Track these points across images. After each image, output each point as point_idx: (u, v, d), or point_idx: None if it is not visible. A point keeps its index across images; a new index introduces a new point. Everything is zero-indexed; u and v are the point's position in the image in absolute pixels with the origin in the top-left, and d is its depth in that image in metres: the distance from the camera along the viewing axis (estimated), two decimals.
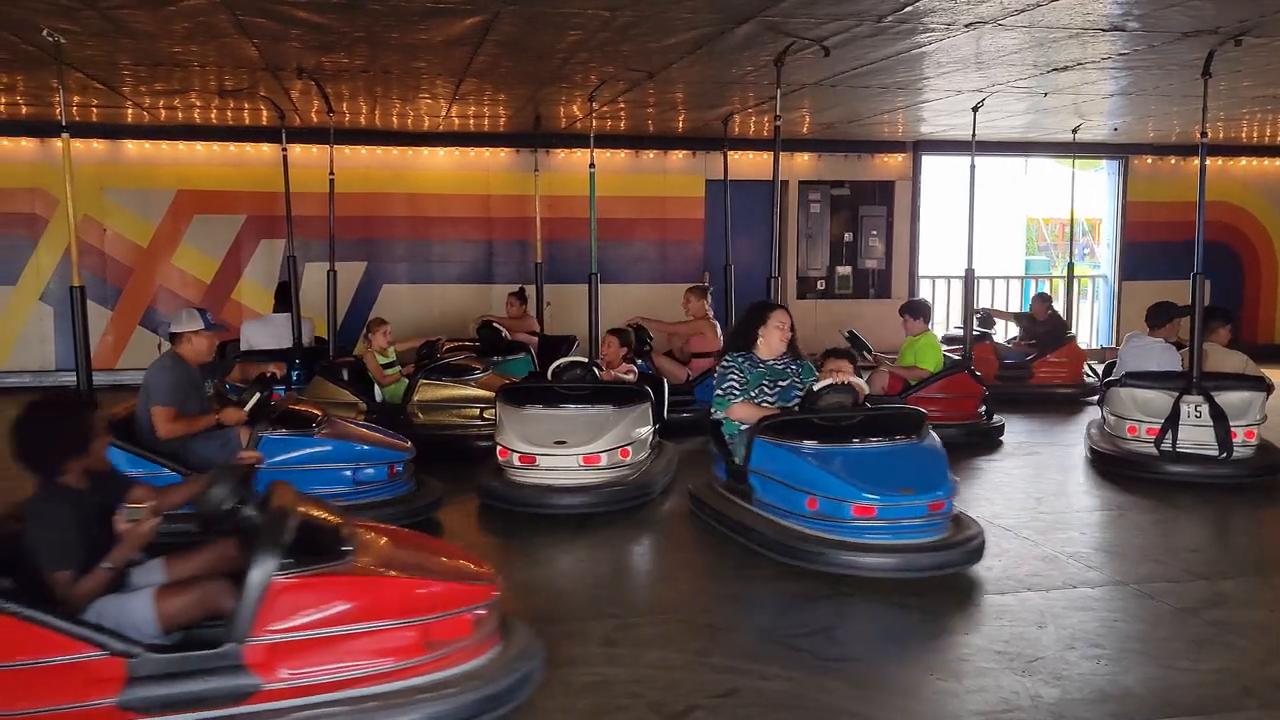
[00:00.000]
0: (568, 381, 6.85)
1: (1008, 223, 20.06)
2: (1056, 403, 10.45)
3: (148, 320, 11.64)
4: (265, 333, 9.39)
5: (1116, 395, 7.38)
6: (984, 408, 8.63)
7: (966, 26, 6.43)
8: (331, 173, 8.99)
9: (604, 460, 6.18)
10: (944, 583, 4.98)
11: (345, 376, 8.13)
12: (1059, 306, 11.78)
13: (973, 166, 9.07)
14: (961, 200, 9.43)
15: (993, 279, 14.50)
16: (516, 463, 6.22)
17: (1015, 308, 14.54)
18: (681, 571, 5.34)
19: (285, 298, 9.45)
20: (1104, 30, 6.55)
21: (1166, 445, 6.96)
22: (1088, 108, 9.91)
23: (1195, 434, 6.92)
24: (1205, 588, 4.95)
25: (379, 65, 7.85)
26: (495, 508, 6.28)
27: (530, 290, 10.81)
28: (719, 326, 9.45)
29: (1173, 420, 6.94)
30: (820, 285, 13.32)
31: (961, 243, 9.31)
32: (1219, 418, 6.84)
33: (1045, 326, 11.14)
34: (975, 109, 9.16)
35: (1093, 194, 14.91)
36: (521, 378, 8.88)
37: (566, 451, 6.14)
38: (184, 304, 11.63)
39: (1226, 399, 6.92)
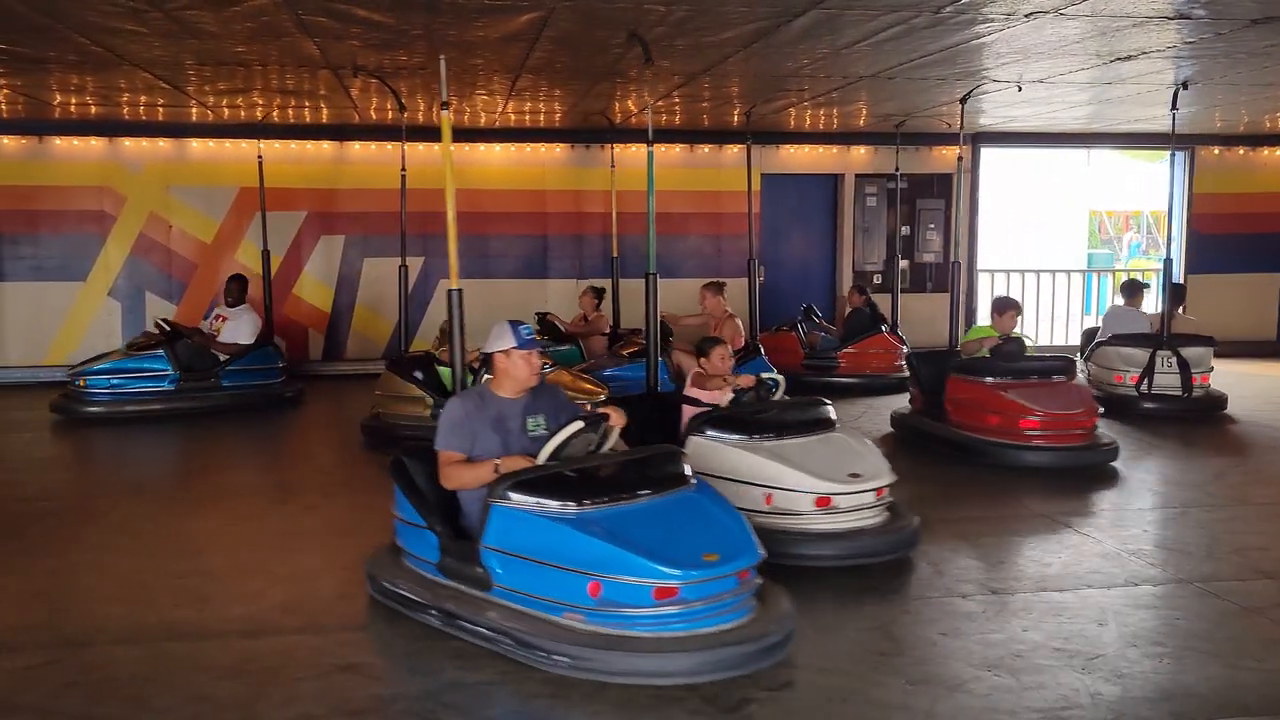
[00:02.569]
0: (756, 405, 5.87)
1: (1070, 216, 19.74)
2: (852, 393, 10.44)
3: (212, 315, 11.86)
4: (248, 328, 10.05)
5: (1104, 352, 9.55)
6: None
7: (1027, 16, 6.33)
8: (404, 170, 9.08)
9: (888, 492, 5.31)
10: (1003, 578, 4.93)
11: (416, 373, 8.21)
12: (1150, 301, 11.62)
13: (959, 160, 8.94)
14: (1022, 193, 9.40)
15: (1054, 273, 14.26)
16: (808, 507, 5.06)
17: (1076, 303, 14.32)
18: None
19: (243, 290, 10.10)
20: (1169, 18, 6.42)
21: (1144, 388, 9.08)
22: (1151, 98, 9.71)
23: (1165, 379, 9.05)
24: (1271, 586, 4.85)
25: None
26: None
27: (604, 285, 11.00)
28: (739, 323, 9.39)
29: (1149, 369, 9.06)
30: (877, 279, 13.21)
31: (1021, 236, 9.26)
32: (1184, 366, 9.00)
33: (853, 316, 11.22)
34: (962, 101, 9.18)
35: (1158, 186, 14.62)
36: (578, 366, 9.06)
37: (862, 486, 5.13)
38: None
39: (1188, 353, 9.07)
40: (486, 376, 5.00)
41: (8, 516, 6.19)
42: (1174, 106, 8.92)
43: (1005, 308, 8.17)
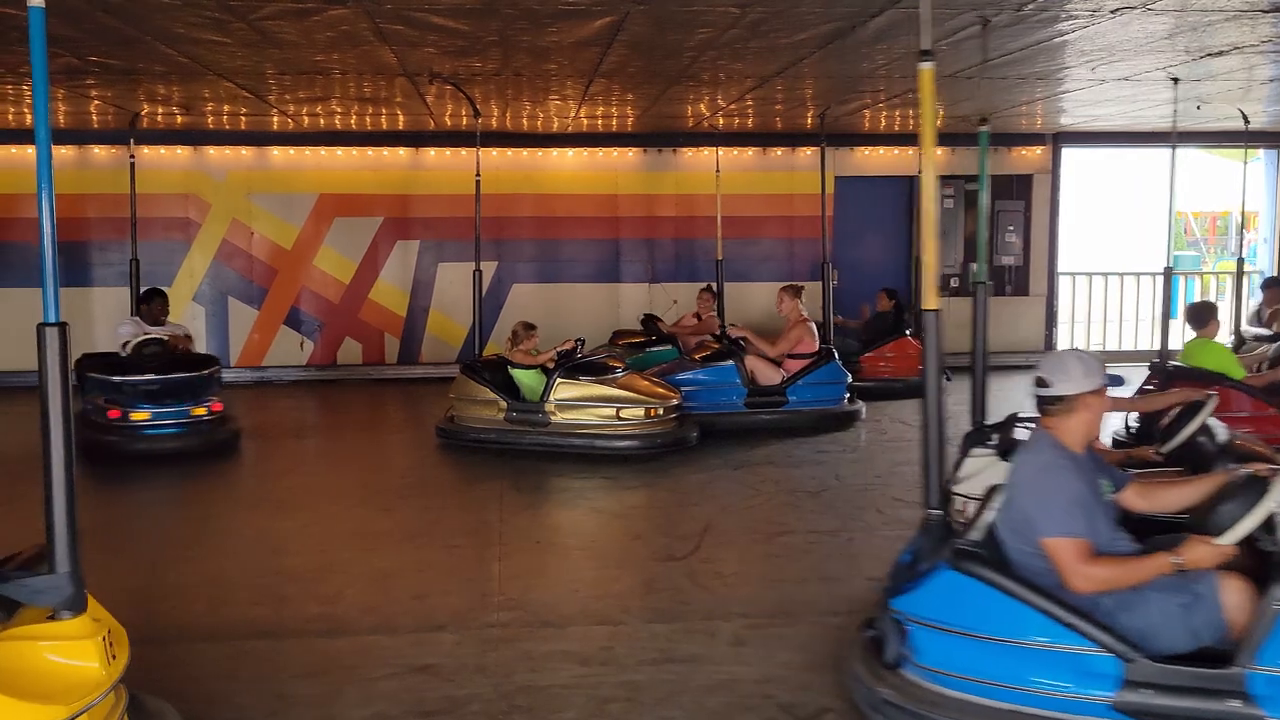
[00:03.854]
0: None
1: (1153, 217, 19.19)
2: (869, 397, 10.03)
3: (291, 320, 12.11)
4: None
5: None
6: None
7: (1113, 13, 6.16)
8: (478, 175, 9.17)
9: None
10: None
11: (489, 376, 8.27)
12: (1226, 303, 11.26)
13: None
14: (1105, 194, 9.12)
15: (1138, 275, 13.88)
16: None
17: (1160, 305, 13.90)
18: (809, 574, 5.26)
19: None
20: (1264, 11, 6.19)
21: None
22: (1244, 94, 9.40)
23: None
24: None
25: (511, 68, 7.98)
26: None
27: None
28: (814, 327, 9.31)
29: None
30: (954, 283, 12.99)
31: (1103, 238, 9.01)
32: None
33: (877, 320, 11.04)
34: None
35: (1249, 185, 14.15)
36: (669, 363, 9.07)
37: None
38: (326, 304, 12.10)
39: None
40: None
41: (101, 516, 6.36)
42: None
43: (1210, 315, 7.48)
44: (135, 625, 4.44)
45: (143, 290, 9.15)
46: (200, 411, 8.07)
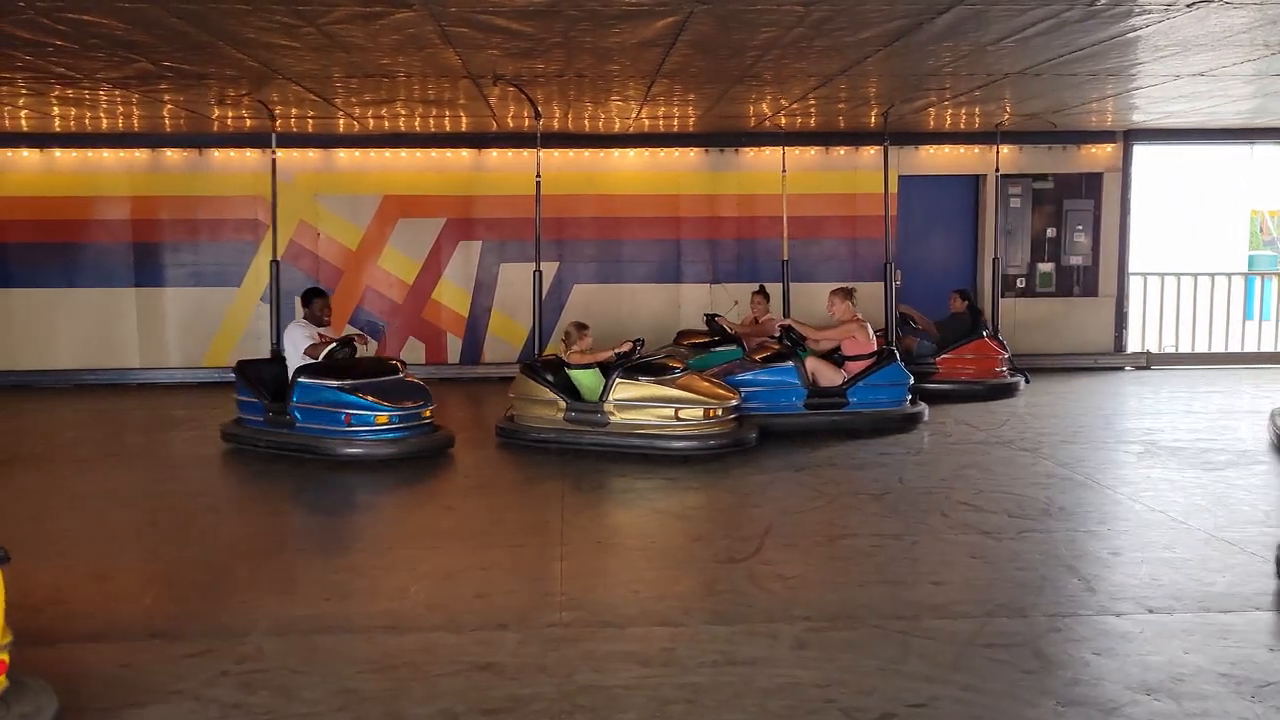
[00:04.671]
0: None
1: (1230, 215, 18.69)
2: (949, 399, 10.10)
3: (355, 320, 12.28)
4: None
5: None
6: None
7: (1188, 6, 6.01)
8: (539, 175, 9.24)
9: None
10: (1161, 597, 4.68)
11: (548, 376, 8.32)
12: None
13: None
14: (1179, 192, 8.87)
15: (1212, 276, 13.53)
16: None
17: (1237, 306, 13.57)
18: (872, 577, 5.20)
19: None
20: None
21: None
22: None
23: None
24: None
25: (573, 70, 8.01)
26: None
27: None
28: (869, 327, 9.20)
29: None
30: (1020, 283, 12.77)
31: (1179, 237, 8.77)
32: None
33: (952, 321, 10.80)
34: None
35: None
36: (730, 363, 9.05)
37: None
38: (390, 304, 12.28)
39: None
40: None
41: (174, 512, 6.50)
42: None
43: None
44: (205, 619, 4.55)
45: (304, 291, 8.82)
46: (427, 413, 8.02)
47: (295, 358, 8.17)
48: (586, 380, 8.20)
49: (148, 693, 3.80)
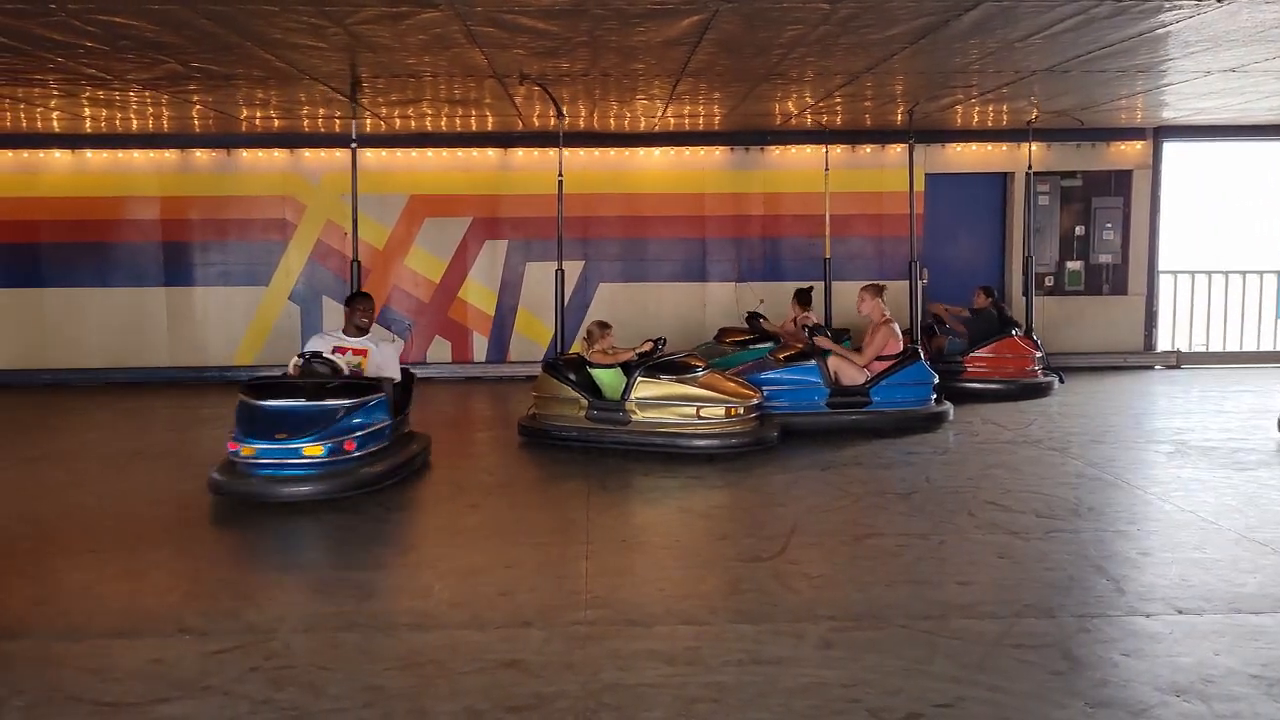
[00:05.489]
0: None
1: (1265, 213, 18.46)
2: (981, 399, 10.04)
3: (383, 319, 12.33)
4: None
5: None
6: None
7: (1219, 2, 5.95)
8: (560, 174, 9.25)
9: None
10: (1191, 598, 4.63)
11: (570, 374, 8.34)
12: None
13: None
14: (1210, 189, 8.77)
15: (1244, 273, 13.37)
16: None
17: (1270, 304, 13.39)
18: (898, 577, 5.18)
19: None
20: None
21: None
22: None
23: None
24: None
25: (599, 69, 8.02)
26: None
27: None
28: (897, 326, 9.14)
29: None
30: (1049, 281, 12.67)
31: (1209, 235, 8.66)
32: None
33: (978, 319, 10.67)
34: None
35: None
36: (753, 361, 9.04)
37: None
38: (417, 303, 12.35)
39: None
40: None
41: (202, 509, 6.56)
42: None
43: None
44: (233, 616, 4.59)
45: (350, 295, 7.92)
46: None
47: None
48: (608, 379, 8.21)
49: (178, 688, 3.84)
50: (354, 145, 8.93)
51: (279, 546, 5.74)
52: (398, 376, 7.42)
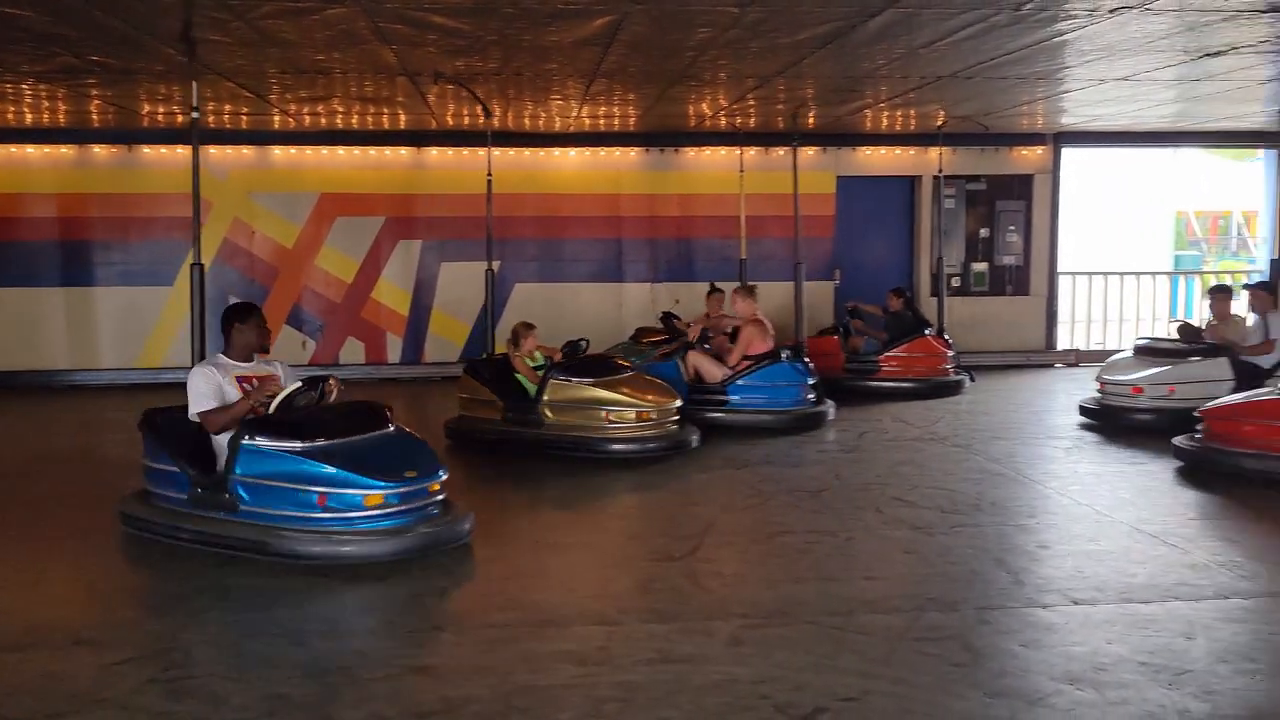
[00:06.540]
0: None
1: (1155, 216, 19.19)
2: (894, 397, 10.29)
3: (293, 319, 12.12)
4: None
5: None
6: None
7: (1111, 12, 6.17)
8: (490, 174, 9.17)
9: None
10: (1085, 589, 4.80)
11: (486, 374, 8.26)
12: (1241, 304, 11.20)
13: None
14: (1106, 193, 9.10)
15: (1138, 275, 13.88)
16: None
17: (1163, 305, 13.92)
18: (808, 574, 5.26)
19: None
20: (1261, 12, 6.19)
21: None
22: (1243, 94, 9.39)
23: None
24: None
25: (511, 68, 7.99)
26: None
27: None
28: (768, 327, 9.20)
29: None
30: (955, 282, 12.98)
31: (1106, 238, 9.00)
32: None
33: (895, 320, 10.98)
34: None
35: (1248, 185, 14.15)
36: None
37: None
38: (328, 304, 12.16)
39: None
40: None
41: (101, 517, 6.36)
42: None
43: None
44: (133, 626, 4.45)
45: (230, 305, 6.54)
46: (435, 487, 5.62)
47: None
48: (529, 382, 8.16)
49: (72, 702, 3.73)
50: (196, 141, 7.21)
51: (184, 554, 5.58)
52: None
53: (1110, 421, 8.65)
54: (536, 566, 5.37)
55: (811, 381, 9.08)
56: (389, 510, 5.24)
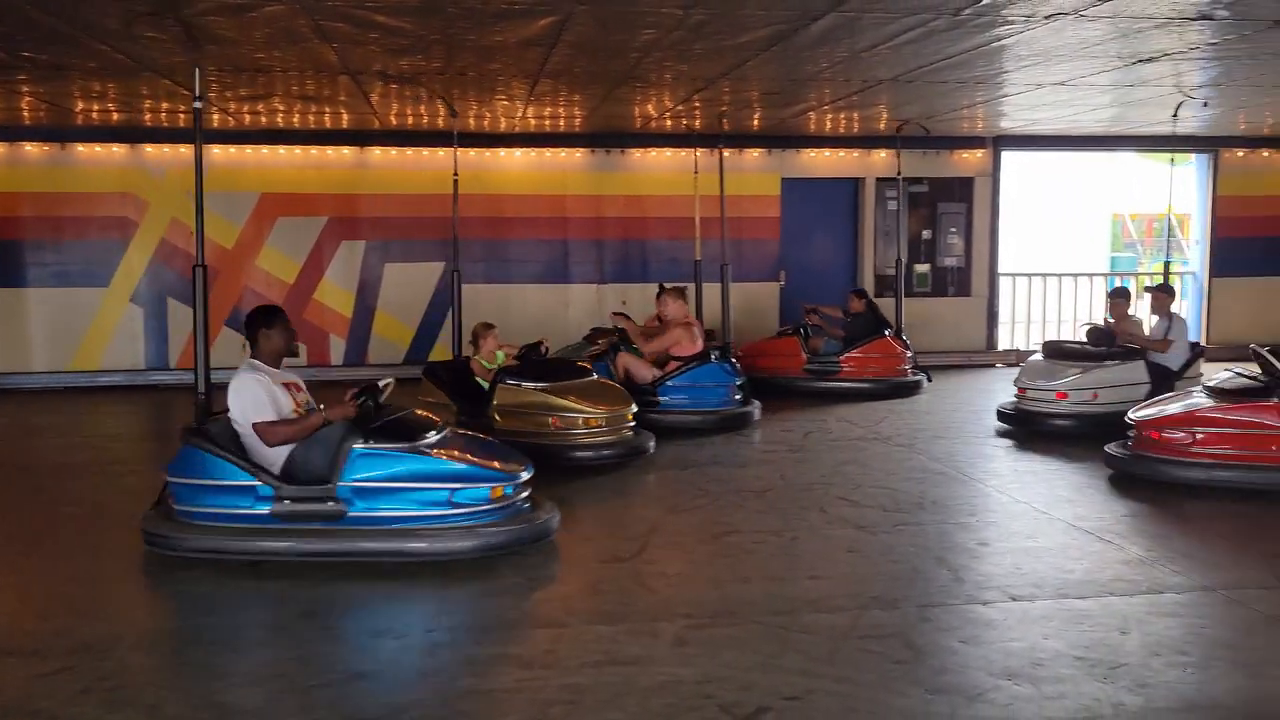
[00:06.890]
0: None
1: (1092, 219, 19.58)
2: (854, 398, 10.42)
3: (234, 320, 11.92)
4: None
5: None
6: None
7: (1047, 19, 6.28)
8: (456, 174, 9.06)
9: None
10: (1024, 585, 4.88)
11: (443, 377, 8.16)
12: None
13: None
14: (1045, 196, 9.27)
15: (1075, 276, 14.14)
16: None
17: (1100, 305, 14.18)
18: (753, 574, 5.29)
19: None
20: (1192, 20, 6.35)
21: None
22: (1173, 100, 9.61)
23: None
24: None
25: (455, 68, 7.94)
26: None
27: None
28: (699, 329, 9.24)
29: None
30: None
31: (1045, 240, 9.17)
32: None
33: (856, 320, 11.12)
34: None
35: (1182, 188, 14.47)
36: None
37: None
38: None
39: None
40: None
41: (34, 521, 6.21)
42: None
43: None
44: (66, 635, 4.35)
45: (256, 308, 6.13)
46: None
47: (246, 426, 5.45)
48: (487, 384, 8.08)
49: (2, 714, 3.63)
50: (199, 140, 8.43)
51: (117, 560, 5.46)
52: None
53: (1028, 427, 8.68)
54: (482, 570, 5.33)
55: (739, 382, 9.13)
56: (505, 503, 5.44)
